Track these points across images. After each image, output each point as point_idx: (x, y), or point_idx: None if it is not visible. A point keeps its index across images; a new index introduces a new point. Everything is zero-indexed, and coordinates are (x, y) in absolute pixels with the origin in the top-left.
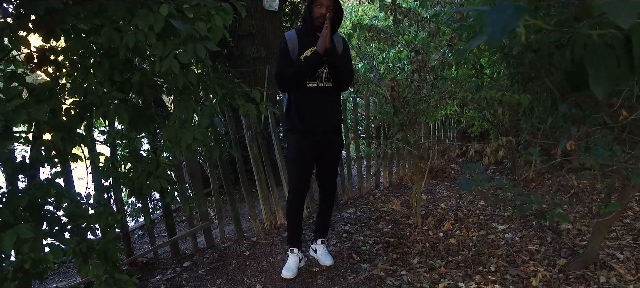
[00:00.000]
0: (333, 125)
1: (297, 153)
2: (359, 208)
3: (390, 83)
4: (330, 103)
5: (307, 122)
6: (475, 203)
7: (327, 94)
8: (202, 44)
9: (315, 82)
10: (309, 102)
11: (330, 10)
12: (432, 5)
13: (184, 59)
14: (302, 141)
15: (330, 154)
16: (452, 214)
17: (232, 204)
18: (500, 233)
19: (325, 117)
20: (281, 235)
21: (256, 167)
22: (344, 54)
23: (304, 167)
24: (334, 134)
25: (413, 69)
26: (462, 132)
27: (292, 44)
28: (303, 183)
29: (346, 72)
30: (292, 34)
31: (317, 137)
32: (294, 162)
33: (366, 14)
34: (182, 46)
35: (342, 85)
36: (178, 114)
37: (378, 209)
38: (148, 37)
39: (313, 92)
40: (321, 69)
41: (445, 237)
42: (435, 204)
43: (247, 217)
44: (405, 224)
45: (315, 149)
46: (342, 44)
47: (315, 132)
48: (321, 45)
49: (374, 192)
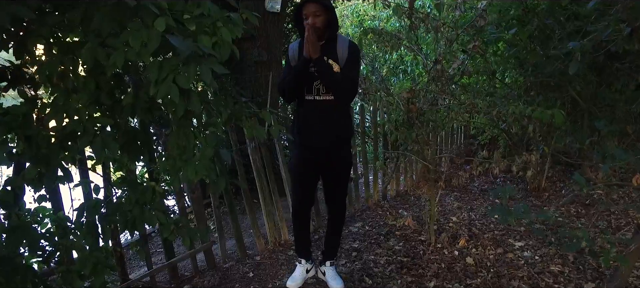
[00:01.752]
0: (334, 141)
1: (297, 167)
2: (368, 222)
3: (407, 95)
4: (331, 117)
5: (304, 136)
6: (488, 217)
7: (327, 107)
8: (207, 64)
9: (312, 95)
10: (307, 116)
11: (319, 18)
12: (449, 10)
13: (184, 83)
14: (302, 155)
15: (334, 171)
16: (466, 229)
17: (233, 220)
18: (518, 251)
19: (325, 132)
20: (286, 254)
21: (259, 181)
22: (349, 62)
23: (304, 182)
24: (337, 149)
25: (429, 78)
26: (470, 138)
27: (293, 55)
28: (304, 197)
29: (342, 82)
30: (294, 46)
31: (318, 152)
32: (295, 176)
33: (367, 14)
34: (183, 67)
35: (341, 97)
36: (177, 141)
37: (387, 223)
38: (141, 56)
39: (311, 105)
40: (317, 82)
41: (460, 255)
42: (446, 217)
43: (249, 230)
44: (418, 241)
45: (318, 164)
46: (348, 49)
47: (315, 146)
48: (306, 48)
49: (382, 203)
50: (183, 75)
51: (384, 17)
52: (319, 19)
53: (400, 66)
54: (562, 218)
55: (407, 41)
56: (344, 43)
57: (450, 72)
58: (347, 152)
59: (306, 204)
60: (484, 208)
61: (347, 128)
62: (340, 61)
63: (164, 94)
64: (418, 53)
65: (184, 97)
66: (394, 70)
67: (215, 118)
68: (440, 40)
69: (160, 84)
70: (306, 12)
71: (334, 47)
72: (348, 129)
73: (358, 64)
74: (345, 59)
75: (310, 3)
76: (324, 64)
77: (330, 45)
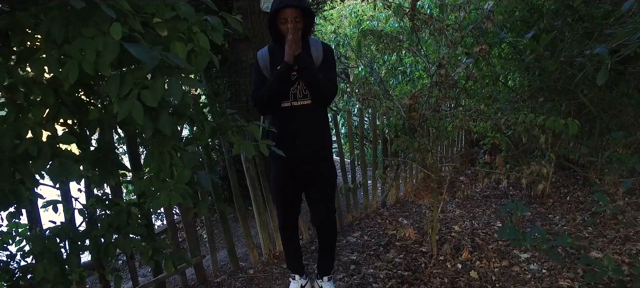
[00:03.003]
0: (314, 150)
1: (276, 181)
2: (366, 232)
3: (409, 101)
4: (309, 124)
5: (283, 147)
6: (491, 225)
7: (306, 113)
8: (177, 78)
9: (289, 101)
10: (283, 124)
11: (295, 21)
12: (452, 11)
13: (150, 100)
14: (280, 169)
15: (316, 183)
16: (469, 239)
17: (226, 232)
18: (525, 264)
19: (304, 141)
20: (281, 267)
21: (253, 190)
22: (326, 63)
23: (285, 196)
24: (317, 159)
25: (432, 82)
26: (471, 143)
27: (263, 62)
28: (287, 212)
29: (323, 82)
30: (264, 52)
31: (297, 162)
32: (276, 190)
33: (365, 14)
34: (150, 81)
35: (322, 100)
36: (149, 164)
37: (387, 232)
38: (99, 68)
39: (288, 112)
40: (294, 86)
41: (464, 268)
42: (448, 226)
43: (242, 239)
44: (419, 253)
45: (299, 175)
46: (322, 50)
47: (293, 158)
48: (288, 53)
49: (381, 211)
50: (149, 91)
51: (383, 17)
52: (299, 25)
53: (399, 67)
54: (569, 228)
55: (408, 43)
56: (317, 45)
57: (454, 77)
58: (328, 161)
59: (290, 219)
60: (487, 216)
61: (325, 134)
62: (315, 61)
63: (125, 113)
64: (420, 56)
65: (152, 116)
66: (392, 71)
67: (198, 133)
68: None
69: (122, 102)
70: (285, 16)
71: (307, 51)
72: (327, 134)
73: (335, 65)
74: (321, 60)
75: (289, 8)
76: (308, 62)
77: (304, 49)
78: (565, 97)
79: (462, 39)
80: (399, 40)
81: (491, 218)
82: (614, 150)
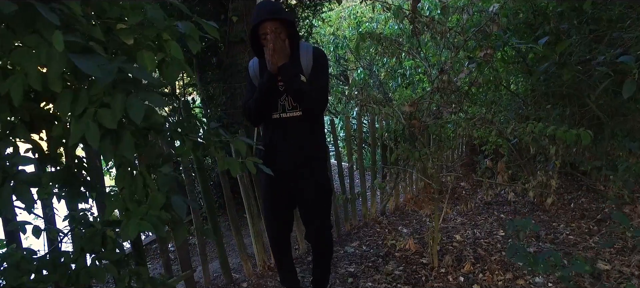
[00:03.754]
0: (303, 162)
1: (267, 194)
2: (364, 241)
3: (409, 108)
4: (299, 136)
5: (270, 160)
6: (494, 234)
7: (295, 125)
8: (140, 96)
9: (278, 113)
10: (272, 136)
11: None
12: (454, 13)
13: (109, 121)
14: (269, 183)
15: (307, 198)
16: (471, 250)
17: (218, 244)
18: (529, 277)
19: (292, 153)
20: (276, 280)
21: (247, 199)
22: (316, 70)
23: (274, 212)
24: (307, 172)
25: (433, 88)
26: (472, 148)
27: (253, 72)
28: (277, 228)
29: (310, 93)
30: (254, 62)
31: (285, 178)
32: (266, 204)
33: (364, 16)
34: (109, 98)
35: (310, 109)
36: (120, 185)
37: (386, 242)
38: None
39: (277, 124)
40: (283, 97)
41: (466, 281)
42: (449, 235)
43: (235, 249)
44: (419, 264)
45: (288, 191)
46: (312, 55)
47: (283, 171)
48: (269, 63)
49: (380, 219)
50: (108, 110)
51: (382, 19)
52: (282, 35)
53: (398, 70)
54: (574, 237)
55: (408, 46)
56: (307, 51)
57: (457, 83)
58: (321, 175)
59: (280, 235)
60: (490, 224)
61: (317, 146)
62: (305, 72)
63: (77, 136)
64: (421, 60)
65: (112, 139)
66: (392, 74)
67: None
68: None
69: (76, 122)
70: (264, 31)
71: (296, 58)
72: (319, 147)
73: (326, 71)
74: (311, 67)
75: (267, 21)
76: (290, 71)
77: (292, 57)
78: (570, 102)
79: (465, 42)
80: (398, 44)
81: (494, 226)
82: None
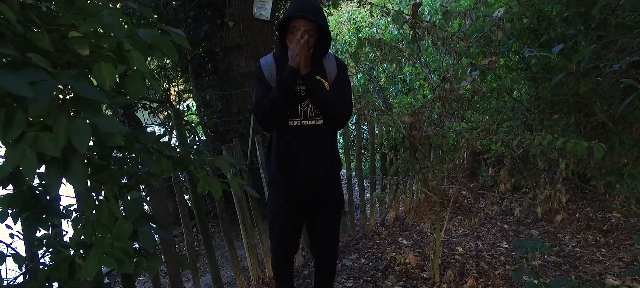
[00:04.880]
0: (324, 176)
1: (277, 212)
2: (363, 254)
3: (409, 119)
4: (320, 146)
5: (287, 171)
6: (497, 246)
7: (316, 134)
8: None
9: (299, 119)
10: (290, 145)
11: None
12: (456, 18)
13: (51, 148)
14: (283, 196)
15: (323, 213)
16: (474, 263)
17: (210, 258)
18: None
19: (313, 165)
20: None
21: (241, 212)
22: (339, 81)
23: (286, 230)
24: (326, 186)
25: (435, 96)
26: (474, 155)
27: (269, 71)
28: (285, 248)
29: (335, 103)
30: (269, 59)
31: (304, 190)
32: (274, 223)
33: (364, 21)
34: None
35: (334, 122)
36: (83, 209)
37: (386, 255)
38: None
39: (296, 132)
40: (305, 103)
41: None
42: (451, 247)
43: (229, 260)
44: (420, 279)
45: (303, 206)
46: (336, 66)
47: (300, 184)
48: (292, 57)
49: (380, 230)
50: (50, 136)
51: (382, 24)
52: (311, 40)
53: (398, 75)
54: (580, 249)
55: (408, 52)
56: (329, 59)
57: (459, 92)
58: (338, 190)
59: (287, 256)
60: (493, 236)
61: (337, 159)
62: (328, 77)
63: (11, 165)
64: (421, 66)
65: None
66: (392, 79)
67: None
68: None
69: (11, 149)
70: (297, 25)
71: (321, 65)
72: (337, 157)
73: (349, 82)
74: (335, 76)
75: (304, 20)
76: (315, 82)
77: (317, 64)
78: (575, 110)
79: (468, 48)
80: (398, 50)
81: (497, 238)
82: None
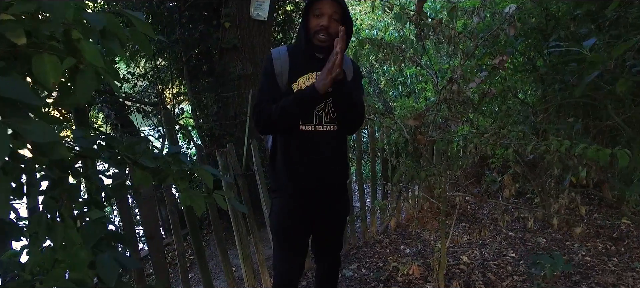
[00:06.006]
0: (335, 183)
1: (282, 223)
2: (364, 263)
3: (414, 123)
4: (332, 152)
5: (298, 178)
6: (504, 255)
7: (329, 139)
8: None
9: (313, 124)
10: (302, 151)
11: (336, 24)
12: (463, 17)
13: None
14: (291, 205)
15: (330, 222)
16: (480, 273)
17: (203, 270)
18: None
19: (325, 172)
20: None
21: (235, 222)
22: (355, 83)
23: (294, 243)
24: (336, 194)
25: (439, 98)
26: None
27: (280, 66)
28: (291, 265)
29: (357, 107)
30: (282, 52)
31: (313, 201)
32: (280, 236)
33: (364, 23)
34: None
35: (351, 127)
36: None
37: (387, 264)
38: None
39: (308, 137)
40: (320, 107)
41: None
42: (455, 256)
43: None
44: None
45: (311, 215)
46: (352, 69)
47: (310, 194)
48: (324, 81)
49: (381, 238)
50: None
51: (382, 26)
52: (335, 24)
53: (399, 78)
54: (591, 258)
55: (412, 52)
56: (347, 60)
57: (467, 93)
58: (346, 198)
59: (293, 276)
60: (498, 243)
61: (347, 167)
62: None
63: None
64: (425, 68)
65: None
66: (392, 82)
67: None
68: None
69: None
70: (323, 9)
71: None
72: (347, 164)
73: (362, 86)
74: (351, 78)
75: (331, 1)
76: (348, 88)
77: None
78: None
79: (476, 48)
80: (401, 50)
81: (503, 245)
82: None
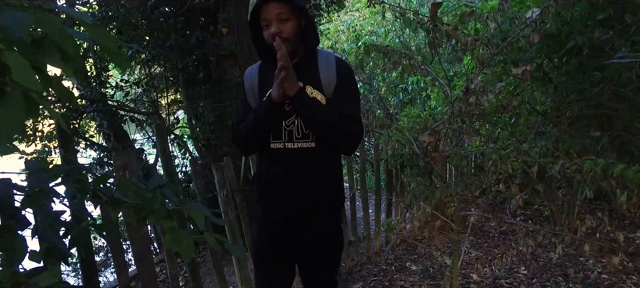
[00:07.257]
0: (315, 210)
1: (260, 247)
2: (368, 282)
3: (429, 139)
4: (309, 174)
5: (269, 203)
6: (515, 273)
7: (305, 158)
8: None
9: (282, 141)
10: (271, 171)
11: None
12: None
13: None
14: (265, 229)
15: (312, 250)
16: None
17: None
18: None
19: (301, 197)
20: None
21: (232, 238)
22: (340, 91)
23: (270, 271)
24: (318, 223)
25: (453, 110)
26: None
27: (250, 84)
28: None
29: (333, 121)
30: (253, 69)
31: (287, 225)
32: (257, 260)
33: (364, 29)
34: None
35: (338, 145)
36: None
37: (394, 283)
38: None
39: (278, 155)
40: (290, 121)
41: None
42: (465, 274)
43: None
44: None
45: (290, 242)
46: (336, 71)
47: (282, 221)
48: (277, 91)
49: (384, 253)
50: None
51: (382, 32)
52: (287, 25)
53: (400, 85)
54: (608, 276)
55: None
56: (328, 62)
57: (484, 105)
58: (334, 228)
59: None
60: (509, 260)
61: (333, 188)
62: (325, 90)
63: None
64: (435, 76)
65: None
66: (393, 89)
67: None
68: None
69: None
70: (266, 16)
71: (314, 68)
72: (335, 190)
73: (356, 90)
74: (334, 86)
75: (271, 3)
76: (307, 101)
77: (309, 65)
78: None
79: (493, 56)
80: (409, 57)
81: (514, 262)
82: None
